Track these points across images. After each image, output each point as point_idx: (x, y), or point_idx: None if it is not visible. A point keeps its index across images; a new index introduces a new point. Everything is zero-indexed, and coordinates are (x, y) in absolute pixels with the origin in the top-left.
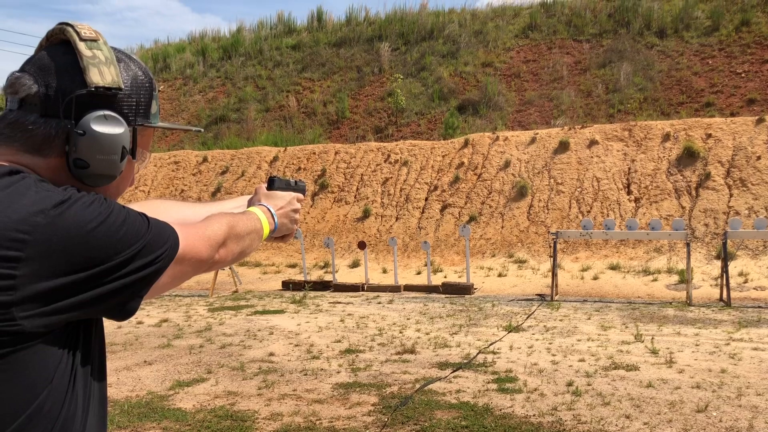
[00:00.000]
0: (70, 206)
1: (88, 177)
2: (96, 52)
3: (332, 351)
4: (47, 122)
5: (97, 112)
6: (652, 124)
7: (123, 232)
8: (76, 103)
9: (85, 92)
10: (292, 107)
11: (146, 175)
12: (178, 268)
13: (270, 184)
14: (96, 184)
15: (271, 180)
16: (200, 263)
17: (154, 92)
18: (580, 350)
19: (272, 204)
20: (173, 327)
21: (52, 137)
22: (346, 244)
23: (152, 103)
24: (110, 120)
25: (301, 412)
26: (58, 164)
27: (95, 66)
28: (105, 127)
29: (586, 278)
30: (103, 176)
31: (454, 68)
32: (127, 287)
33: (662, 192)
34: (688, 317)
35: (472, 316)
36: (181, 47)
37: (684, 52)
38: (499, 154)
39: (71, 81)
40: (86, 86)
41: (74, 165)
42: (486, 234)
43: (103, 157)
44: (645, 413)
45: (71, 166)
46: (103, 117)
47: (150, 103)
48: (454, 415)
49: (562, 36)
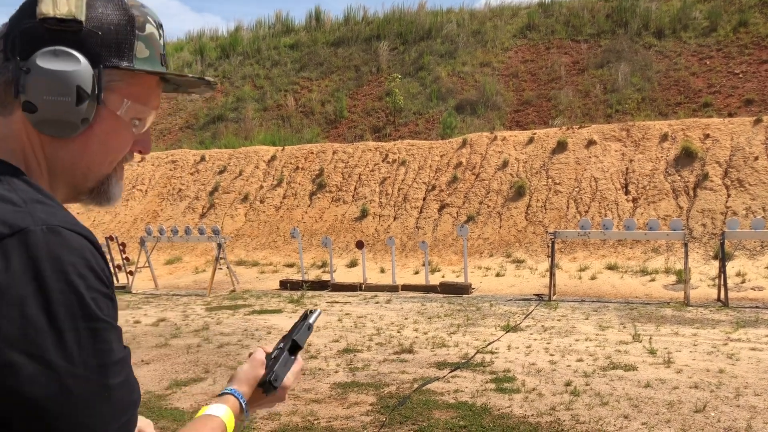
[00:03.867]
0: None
1: (40, 124)
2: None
3: (330, 351)
4: (6, 66)
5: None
6: (650, 124)
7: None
8: (30, 39)
9: (33, 24)
10: (290, 107)
11: (144, 175)
12: None
13: (266, 389)
14: (55, 133)
15: (267, 385)
16: None
17: (137, 32)
18: (578, 350)
19: (245, 392)
20: (171, 326)
21: (7, 83)
22: (344, 243)
23: (136, 43)
24: (60, 55)
25: (299, 411)
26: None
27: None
28: (52, 63)
29: (584, 278)
30: (58, 123)
31: (452, 68)
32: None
33: (660, 192)
34: (686, 317)
35: (470, 315)
36: (179, 46)
37: (682, 52)
38: (497, 153)
39: (27, 15)
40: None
41: (24, 108)
42: (484, 234)
43: (50, 97)
44: (643, 413)
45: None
46: (51, 52)
47: (131, 44)
48: (452, 415)
49: (560, 36)
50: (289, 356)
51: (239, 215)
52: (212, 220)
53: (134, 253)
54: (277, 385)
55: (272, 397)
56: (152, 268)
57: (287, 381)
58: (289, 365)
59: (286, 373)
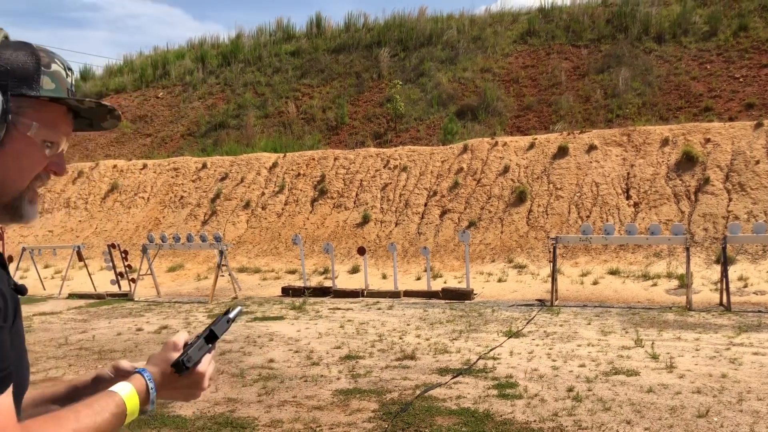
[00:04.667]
0: None
1: None
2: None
3: (332, 357)
4: None
5: None
6: (651, 129)
7: None
8: None
9: None
10: (292, 113)
11: (146, 182)
12: None
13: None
14: None
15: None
16: None
17: (43, 68)
18: (580, 355)
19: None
20: (173, 334)
21: None
22: (346, 249)
23: (42, 77)
24: None
25: (301, 418)
26: None
27: None
28: None
29: (585, 283)
30: None
31: (452, 74)
32: None
33: (661, 197)
34: (688, 322)
35: (472, 321)
36: (180, 54)
37: (682, 57)
38: (498, 159)
39: None
40: None
41: None
42: (485, 239)
43: None
44: (646, 418)
45: None
46: None
47: (38, 77)
48: (454, 421)
49: (560, 41)
50: (205, 344)
51: (241, 222)
52: (214, 227)
53: (136, 261)
54: (189, 366)
55: (186, 384)
56: (154, 276)
57: (202, 366)
58: (203, 351)
59: (200, 357)
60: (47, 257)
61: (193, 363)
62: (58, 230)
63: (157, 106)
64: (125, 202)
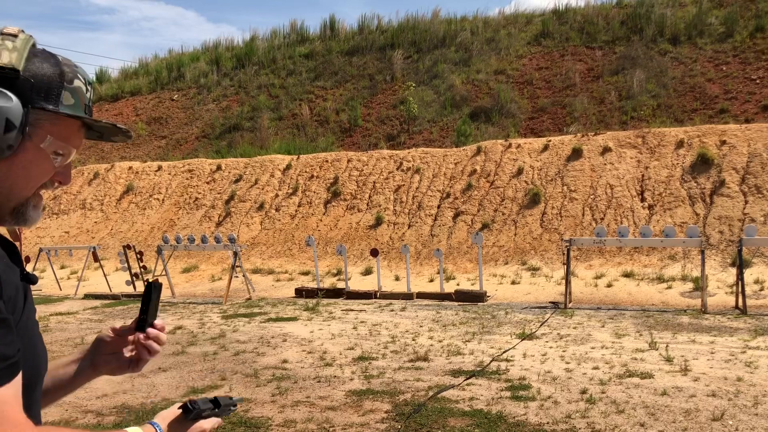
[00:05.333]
0: None
1: None
2: (7, 42)
3: (345, 358)
4: None
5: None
6: (666, 131)
7: None
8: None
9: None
10: (305, 115)
11: (160, 184)
12: None
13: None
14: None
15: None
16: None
17: (66, 84)
18: (594, 358)
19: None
20: (187, 334)
21: None
22: (359, 251)
23: (63, 92)
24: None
25: (314, 418)
26: None
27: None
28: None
29: (599, 286)
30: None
31: (466, 76)
32: None
33: (676, 199)
34: (703, 325)
35: (485, 323)
36: (195, 56)
37: (698, 58)
38: (511, 161)
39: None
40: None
41: None
42: (499, 241)
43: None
44: (660, 421)
45: None
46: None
47: (59, 92)
48: (467, 423)
49: (574, 43)
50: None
51: (255, 223)
52: (228, 229)
53: (151, 262)
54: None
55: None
56: (169, 277)
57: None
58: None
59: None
60: (63, 258)
61: (199, 409)
62: (74, 231)
63: (171, 109)
64: (140, 204)
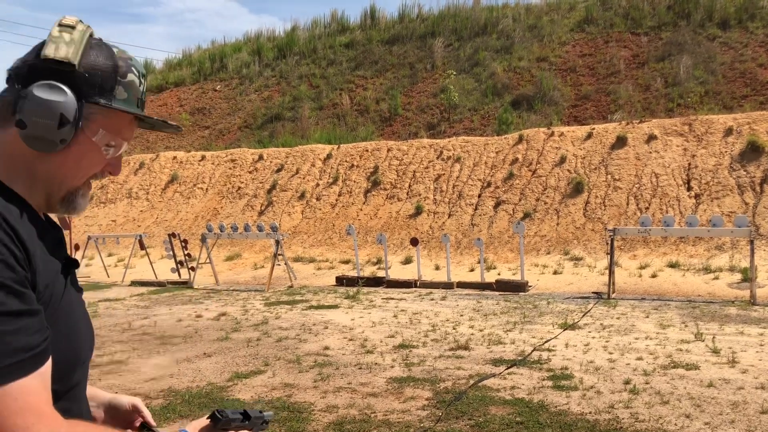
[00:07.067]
0: None
1: (28, 139)
2: (65, 34)
3: (386, 346)
4: (11, 90)
5: (45, 80)
6: (714, 118)
7: None
8: (33, 73)
9: (35, 61)
10: (346, 105)
11: (204, 173)
12: None
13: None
14: (37, 148)
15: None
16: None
17: (120, 78)
18: (637, 348)
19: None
20: (231, 321)
21: (9, 104)
22: (399, 240)
23: (116, 87)
24: (53, 88)
25: (356, 404)
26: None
27: (54, 42)
28: (46, 93)
29: (644, 276)
30: (41, 140)
31: (508, 63)
32: None
33: (724, 188)
34: (752, 316)
35: (527, 313)
36: (237, 47)
37: (748, 43)
38: (554, 149)
39: (34, 54)
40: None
41: (16, 124)
42: (541, 231)
43: (38, 119)
44: (706, 413)
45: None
46: (47, 85)
47: (113, 86)
48: (508, 411)
49: (619, 29)
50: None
51: (296, 212)
52: (270, 218)
53: (196, 250)
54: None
55: None
56: (213, 264)
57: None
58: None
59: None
60: (111, 246)
61: (228, 419)
62: (121, 220)
63: (215, 99)
64: (184, 193)
